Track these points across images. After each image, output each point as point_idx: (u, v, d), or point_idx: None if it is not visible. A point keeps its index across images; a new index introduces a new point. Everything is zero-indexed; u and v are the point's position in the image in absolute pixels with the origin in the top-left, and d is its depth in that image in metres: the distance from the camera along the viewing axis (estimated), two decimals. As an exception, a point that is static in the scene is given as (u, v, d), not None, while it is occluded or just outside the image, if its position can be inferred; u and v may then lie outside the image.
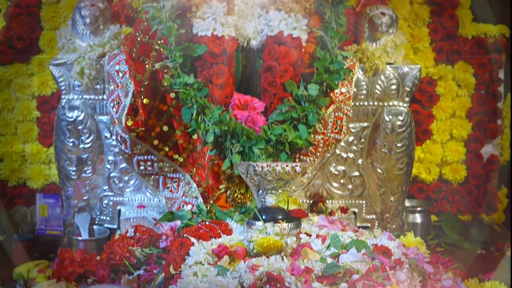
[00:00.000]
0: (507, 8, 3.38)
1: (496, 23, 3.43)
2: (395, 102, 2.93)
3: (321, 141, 2.75)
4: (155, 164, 2.82)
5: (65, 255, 2.39)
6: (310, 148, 2.71)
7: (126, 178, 2.94)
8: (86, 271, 2.39)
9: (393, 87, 2.92)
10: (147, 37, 2.75)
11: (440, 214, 3.39)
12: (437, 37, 3.46)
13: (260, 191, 2.21)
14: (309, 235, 2.17)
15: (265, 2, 2.79)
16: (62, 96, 2.94)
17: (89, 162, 2.93)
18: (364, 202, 2.98)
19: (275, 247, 2.00)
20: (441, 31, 3.47)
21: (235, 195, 2.72)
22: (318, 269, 1.88)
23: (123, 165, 2.91)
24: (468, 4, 3.47)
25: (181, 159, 2.82)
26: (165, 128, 2.75)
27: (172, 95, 2.66)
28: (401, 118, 2.92)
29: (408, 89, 2.91)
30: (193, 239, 2.08)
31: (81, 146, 2.92)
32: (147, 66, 2.71)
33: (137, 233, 2.45)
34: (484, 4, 3.47)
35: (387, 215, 2.98)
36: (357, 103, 2.90)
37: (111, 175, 2.94)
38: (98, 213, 2.96)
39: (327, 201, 2.95)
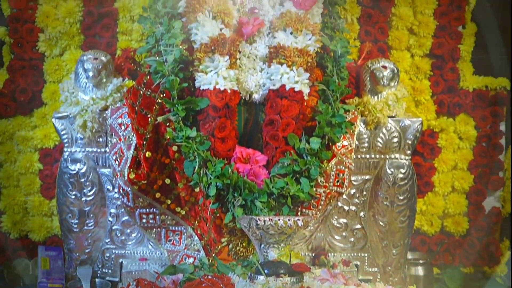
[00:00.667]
0: (507, 62, 3.48)
1: (497, 76, 3.49)
2: (397, 155, 2.97)
3: (323, 194, 2.79)
4: (157, 217, 2.85)
5: (67, 308, 2.42)
6: (312, 201, 2.75)
7: (128, 231, 2.97)
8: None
9: (395, 140, 2.96)
10: (150, 90, 2.81)
11: (442, 266, 3.41)
12: (438, 90, 3.52)
13: (262, 245, 2.24)
14: (312, 290, 2.19)
15: (267, 56, 2.86)
16: (65, 149, 2.98)
17: (91, 215, 2.96)
18: (366, 255, 3.00)
19: (277, 302, 2.03)
20: (442, 84, 3.53)
21: (237, 248, 2.74)
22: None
23: (125, 218, 2.94)
24: (469, 57, 3.55)
25: (183, 212, 2.85)
26: (167, 181, 2.78)
27: (175, 148, 2.70)
28: (402, 171, 2.95)
29: (409, 142, 2.96)
30: (195, 293, 2.11)
31: (83, 198, 2.95)
32: (149, 119, 2.76)
33: (139, 287, 2.46)
34: (485, 57, 3.56)
35: (389, 268, 3.00)
36: (359, 156, 2.94)
37: (113, 228, 2.97)
38: (100, 266, 2.97)
39: (329, 254, 2.96)
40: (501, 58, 3.56)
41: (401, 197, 2.96)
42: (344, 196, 2.94)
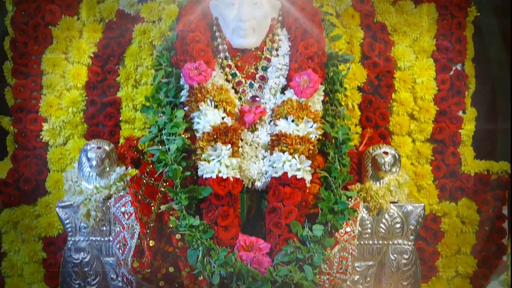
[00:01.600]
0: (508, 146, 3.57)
1: (498, 160, 3.58)
2: (400, 241, 3.02)
3: (327, 281, 2.81)
4: (162, 304, 2.89)
5: None
6: (316, 289, 2.78)
7: (133, 319, 3.01)
8: None
9: (398, 225, 3.02)
10: (153, 179, 2.87)
11: None
12: (440, 174, 3.60)
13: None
14: None
15: (269, 143, 2.92)
16: (68, 238, 3.04)
17: (95, 304, 3.01)
18: None
19: None
20: (443, 168, 3.61)
21: (243, 335, 2.77)
22: None
23: (130, 306, 2.98)
24: (470, 142, 3.64)
25: (187, 300, 2.89)
26: (171, 269, 2.81)
27: (178, 236, 2.74)
28: (406, 256, 3.00)
29: (412, 228, 3.02)
30: None
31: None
32: (153, 208, 2.82)
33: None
34: (486, 141, 3.65)
35: None
36: (362, 242, 2.99)
37: (118, 316, 3.02)
38: None
39: None
40: (502, 142, 3.64)
41: (405, 283, 3.01)
42: (348, 282, 2.94)
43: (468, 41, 3.66)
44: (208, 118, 2.87)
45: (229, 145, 2.84)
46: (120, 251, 2.87)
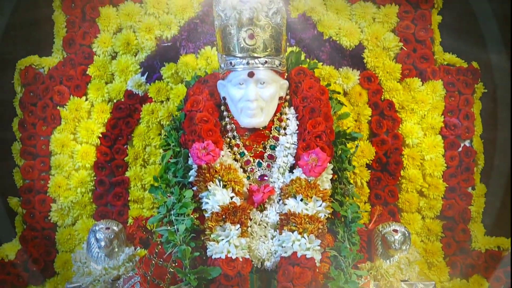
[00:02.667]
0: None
1: (509, 236, 3.62)
2: (412, 319, 3.06)
3: None
4: None
5: None
6: None
7: None
8: None
9: (409, 304, 3.06)
10: (162, 260, 2.91)
11: None
12: (450, 251, 3.65)
13: None
14: None
15: (278, 223, 2.96)
16: (78, 319, 3.09)
17: None
18: None
19: None
20: (454, 245, 3.67)
21: None
22: None
23: None
24: (480, 218, 3.71)
25: None
26: None
27: (187, 316, 2.78)
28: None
29: (423, 307, 3.06)
30: None
31: None
32: (162, 288, 2.86)
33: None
34: (496, 218, 3.70)
35: None
36: (372, 322, 3.02)
37: None
38: None
39: None
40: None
41: None
42: None
43: (476, 117, 3.72)
44: (217, 198, 2.90)
45: (238, 225, 2.87)
46: (130, 331, 2.92)
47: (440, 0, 3.73)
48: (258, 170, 3.09)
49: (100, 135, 3.66)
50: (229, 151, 3.10)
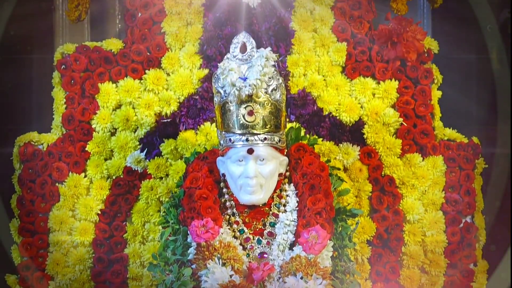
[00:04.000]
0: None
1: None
2: None
3: None
4: None
5: None
6: None
7: None
8: None
9: None
10: None
11: None
12: None
13: None
14: None
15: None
16: None
17: None
18: None
19: None
20: None
21: None
22: None
23: None
24: None
25: None
26: None
27: None
28: None
29: None
30: None
31: None
32: None
33: None
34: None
35: None
36: None
37: None
38: None
39: None
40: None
41: None
42: None
43: (477, 193, 3.78)
44: (216, 276, 2.94)
45: None
46: None
47: (440, 76, 3.83)
48: (258, 247, 3.13)
49: (99, 212, 3.71)
50: (229, 228, 3.14)
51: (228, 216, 3.18)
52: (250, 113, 3.08)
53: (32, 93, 4.27)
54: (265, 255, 3.12)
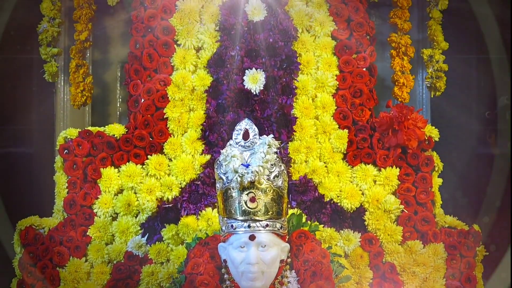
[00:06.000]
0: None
1: None
2: None
3: None
4: None
5: None
6: None
7: None
8: None
9: None
10: None
11: None
12: None
13: None
14: None
15: None
16: None
17: None
18: None
19: None
20: None
21: None
22: None
23: None
24: None
25: None
26: None
27: None
28: None
29: None
30: None
31: None
32: None
33: None
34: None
35: None
36: None
37: None
38: None
39: None
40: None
41: None
42: None
43: (478, 281, 3.83)
44: None
45: None
46: None
47: (440, 164, 3.93)
48: None
49: None
50: None
51: None
52: (252, 199, 3.13)
53: (33, 177, 4.38)
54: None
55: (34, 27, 4.12)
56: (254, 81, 3.86)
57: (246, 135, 3.28)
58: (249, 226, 3.15)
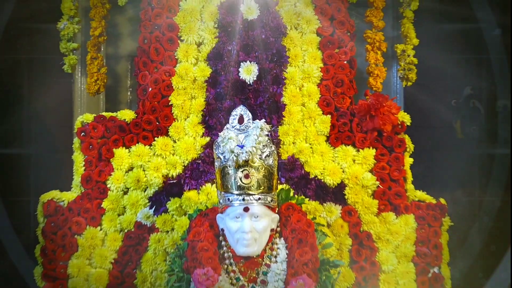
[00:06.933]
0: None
1: None
2: None
3: None
4: None
5: None
6: None
7: None
8: None
9: None
10: None
11: None
12: None
13: None
14: None
15: None
16: None
17: None
18: None
19: None
20: None
21: None
22: None
23: None
24: None
25: None
26: None
27: None
28: None
29: None
30: None
31: None
32: None
33: None
34: None
35: None
36: None
37: None
38: None
39: None
40: None
41: None
42: None
43: (444, 247, 3.82)
44: None
45: None
46: None
47: (411, 145, 3.91)
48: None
49: (112, 261, 3.76)
50: (226, 276, 3.16)
51: (226, 266, 3.20)
52: (246, 176, 3.14)
53: (54, 156, 4.39)
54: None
55: (53, 24, 4.10)
56: (248, 72, 3.84)
57: (241, 120, 3.29)
58: (243, 199, 3.16)
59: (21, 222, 4.16)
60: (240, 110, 3.33)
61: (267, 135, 3.25)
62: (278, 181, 3.56)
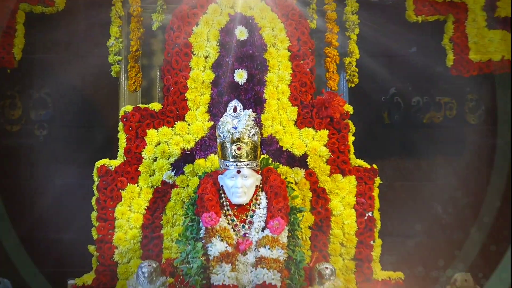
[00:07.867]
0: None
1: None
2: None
3: None
4: None
5: None
6: None
7: None
8: None
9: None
10: (183, 285, 3.00)
11: None
12: (360, 280, 3.64)
13: None
14: None
15: (254, 263, 3.04)
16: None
17: None
18: None
19: None
20: (362, 276, 3.68)
21: None
22: None
23: None
24: (378, 259, 3.74)
25: None
26: None
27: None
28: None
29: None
30: None
31: None
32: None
33: None
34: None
35: None
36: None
37: None
38: None
39: None
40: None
41: None
42: None
43: (375, 198, 3.79)
44: (217, 247, 3.02)
45: (230, 264, 2.97)
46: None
47: (353, 128, 3.83)
48: (242, 230, 3.16)
49: (146, 207, 3.70)
50: (225, 218, 3.15)
51: (224, 211, 3.18)
52: (239, 148, 3.11)
53: (106, 135, 4.34)
54: (246, 235, 3.15)
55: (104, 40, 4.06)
56: (240, 77, 3.78)
57: (235, 109, 3.26)
58: (236, 165, 3.14)
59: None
60: (235, 102, 3.30)
61: (253, 120, 3.22)
62: (261, 153, 3.52)
